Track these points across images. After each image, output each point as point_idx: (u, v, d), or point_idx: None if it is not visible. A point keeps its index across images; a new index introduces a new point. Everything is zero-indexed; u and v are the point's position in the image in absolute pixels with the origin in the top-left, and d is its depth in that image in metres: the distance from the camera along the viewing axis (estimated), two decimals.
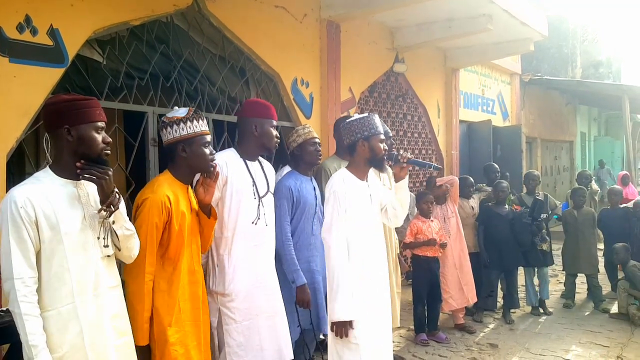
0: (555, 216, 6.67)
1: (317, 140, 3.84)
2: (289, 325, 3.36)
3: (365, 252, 3.03)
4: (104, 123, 2.24)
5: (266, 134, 3.27)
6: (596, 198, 7.89)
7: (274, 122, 3.33)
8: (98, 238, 2.23)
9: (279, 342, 3.19)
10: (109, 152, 2.23)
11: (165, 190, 2.63)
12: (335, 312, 2.90)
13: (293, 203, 3.59)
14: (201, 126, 2.73)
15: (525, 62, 11.83)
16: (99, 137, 2.19)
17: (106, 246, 2.26)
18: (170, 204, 2.61)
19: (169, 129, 2.71)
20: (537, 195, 6.17)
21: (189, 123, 2.69)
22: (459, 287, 5.43)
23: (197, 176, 2.88)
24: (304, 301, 3.43)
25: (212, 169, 2.76)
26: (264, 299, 3.16)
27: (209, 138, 2.76)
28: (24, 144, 3.52)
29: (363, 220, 3.05)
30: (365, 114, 3.11)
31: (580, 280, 6.59)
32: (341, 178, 3.06)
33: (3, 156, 3.18)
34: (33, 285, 2.05)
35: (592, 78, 15.47)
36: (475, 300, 5.62)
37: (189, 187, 2.82)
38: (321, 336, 3.82)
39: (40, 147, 3.86)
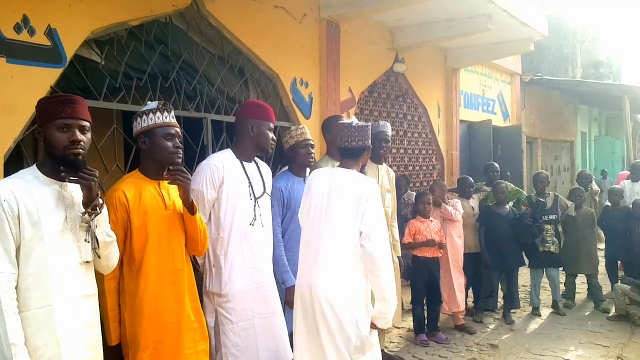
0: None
1: (309, 142, 3.80)
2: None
3: None
4: (75, 120, 2.12)
5: (262, 135, 3.25)
6: (596, 198, 7.86)
7: (271, 125, 3.31)
8: (86, 241, 2.17)
9: (276, 342, 3.18)
10: (78, 151, 2.11)
11: (123, 186, 2.55)
12: (390, 320, 2.88)
13: (283, 204, 3.62)
14: (164, 117, 2.60)
15: (525, 62, 11.81)
16: (62, 136, 2.10)
17: (94, 248, 2.19)
18: (127, 200, 2.52)
19: (134, 122, 2.64)
20: (547, 196, 6.16)
21: (151, 115, 2.59)
22: (451, 291, 5.42)
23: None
24: (292, 302, 3.42)
25: (175, 160, 2.60)
26: (260, 299, 3.16)
27: (172, 130, 2.62)
28: (22, 144, 3.51)
29: None
30: (362, 122, 3.08)
31: (580, 280, 6.58)
32: (371, 181, 2.98)
33: (0, 157, 3.17)
34: (14, 282, 1.99)
35: (592, 78, 15.45)
36: (464, 307, 5.58)
37: (161, 182, 2.67)
38: None
39: (39, 147, 3.85)
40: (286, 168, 3.98)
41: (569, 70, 14.58)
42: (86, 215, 2.14)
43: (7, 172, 3.25)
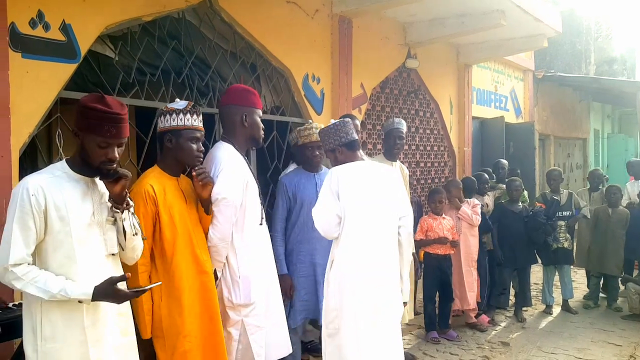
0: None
1: (315, 144, 3.70)
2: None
3: None
4: (116, 139, 2.14)
5: (256, 125, 3.05)
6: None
7: (261, 112, 3.11)
8: (119, 233, 2.25)
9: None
10: (111, 167, 2.15)
11: (150, 181, 2.62)
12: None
13: (289, 199, 3.71)
14: (193, 120, 2.69)
15: (538, 59, 11.70)
16: (100, 152, 2.13)
17: (120, 243, 2.27)
18: (155, 193, 2.58)
19: (162, 118, 2.70)
20: (562, 193, 6.09)
21: (181, 115, 2.66)
22: (462, 289, 5.36)
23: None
24: (287, 290, 3.58)
25: (196, 163, 2.70)
26: (271, 296, 3.11)
27: (198, 134, 2.71)
28: (37, 139, 3.54)
29: None
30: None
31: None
32: (391, 168, 3.64)
33: (16, 151, 3.19)
34: (30, 265, 2.06)
35: (605, 75, 15.28)
36: (475, 305, 5.53)
37: (179, 179, 2.77)
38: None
39: (53, 142, 3.87)
40: (294, 164, 4.01)
41: (582, 66, 14.42)
42: (117, 210, 2.22)
43: (22, 167, 3.28)
